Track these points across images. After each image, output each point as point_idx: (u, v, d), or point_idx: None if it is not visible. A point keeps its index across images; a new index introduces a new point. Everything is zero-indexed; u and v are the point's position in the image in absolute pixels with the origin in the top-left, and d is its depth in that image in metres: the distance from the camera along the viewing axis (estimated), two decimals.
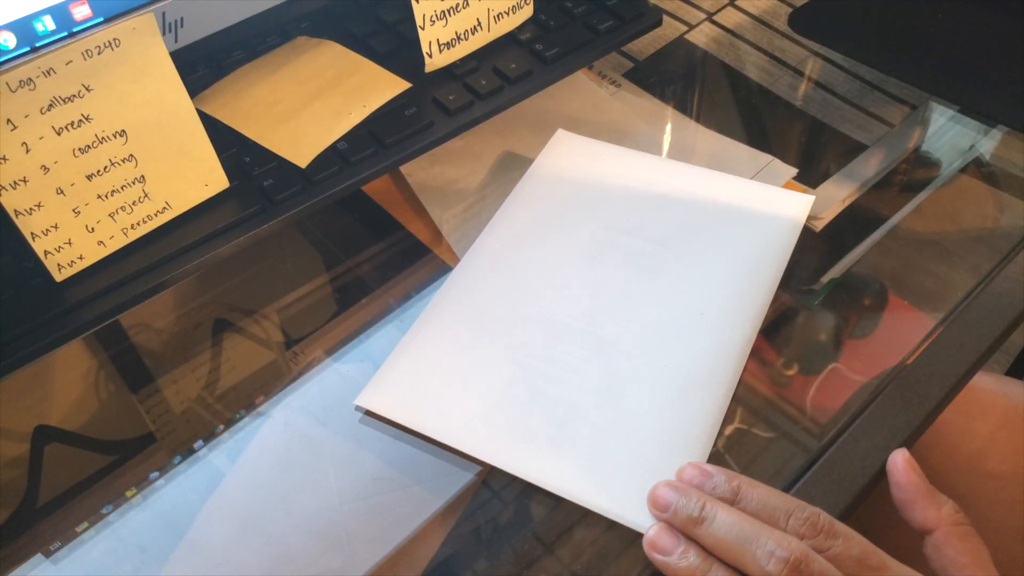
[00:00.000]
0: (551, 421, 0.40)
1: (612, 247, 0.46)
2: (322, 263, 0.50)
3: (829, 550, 0.33)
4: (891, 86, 0.60)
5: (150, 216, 0.44)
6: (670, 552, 0.34)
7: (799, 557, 0.32)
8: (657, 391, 0.41)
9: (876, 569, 0.33)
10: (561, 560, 0.37)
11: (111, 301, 0.42)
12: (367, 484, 0.39)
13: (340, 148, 0.49)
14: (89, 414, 0.43)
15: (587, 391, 0.41)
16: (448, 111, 0.51)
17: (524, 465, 0.38)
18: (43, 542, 0.38)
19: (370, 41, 0.55)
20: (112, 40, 0.40)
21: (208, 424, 0.42)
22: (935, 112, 0.59)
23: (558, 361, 0.42)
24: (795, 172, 0.53)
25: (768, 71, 0.62)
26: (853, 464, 0.39)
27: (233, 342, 0.46)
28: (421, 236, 0.50)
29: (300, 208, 0.46)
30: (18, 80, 0.38)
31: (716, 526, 0.34)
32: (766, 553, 0.32)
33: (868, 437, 0.40)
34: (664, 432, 0.39)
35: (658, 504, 0.36)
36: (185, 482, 0.40)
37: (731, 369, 0.41)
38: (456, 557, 0.37)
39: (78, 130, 0.40)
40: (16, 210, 0.40)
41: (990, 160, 0.56)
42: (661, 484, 0.36)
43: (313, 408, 0.42)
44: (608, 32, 0.56)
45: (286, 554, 0.37)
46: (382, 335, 0.45)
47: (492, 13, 0.53)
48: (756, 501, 0.35)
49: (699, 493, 0.36)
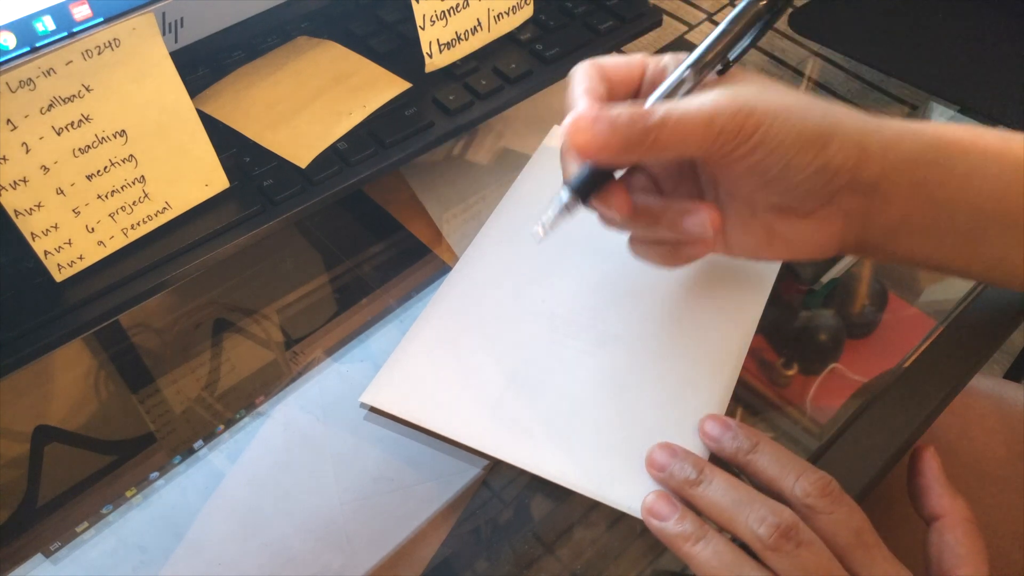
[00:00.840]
0: (553, 415, 0.40)
1: (610, 242, 0.46)
2: (322, 263, 0.50)
3: (831, 514, 0.34)
4: (891, 86, 0.60)
5: (150, 216, 0.44)
6: (666, 518, 0.35)
7: (790, 524, 0.33)
8: (658, 385, 0.41)
9: (869, 546, 0.34)
10: (561, 560, 0.37)
11: (111, 301, 0.42)
12: (367, 484, 0.39)
13: (340, 148, 0.49)
14: (89, 414, 0.43)
15: (588, 385, 0.41)
16: (448, 111, 0.51)
17: (527, 457, 0.39)
18: (43, 542, 0.38)
19: (370, 41, 0.55)
20: (112, 40, 0.40)
21: (208, 424, 0.42)
22: (935, 112, 0.59)
23: (559, 356, 0.42)
24: None
25: (768, 71, 0.62)
26: (853, 464, 0.39)
27: (233, 342, 0.46)
28: (421, 236, 0.50)
29: (300, 208, 0.46)
30: (18, 80, 0.38)
31: (711, 489, 0.35)
32: (758, 518, 0.33)
33: (868, 437, 0.40)
34: (666, 424, 0.39)
35: (655, 464, 0.37)
36: (185, 482, 0.40)
37: (732, 362, 0.41)
38: (456, 557, 0.37)
39: (78, 130, 0.40)
40: (16, 210, 0.40)
41: None
42: (658, 446, 0.38)
43: (313, 408, 0.42)
44: (608, 32, 0.56)
45: (286, 554, 0.37)
46: (382, 335, 0.45)
47: (492, 13, 0.53)
48: (770, 455, 0.36)
49: (696, 457, 0.37)
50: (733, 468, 0.37)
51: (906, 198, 0.37)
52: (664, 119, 0.34)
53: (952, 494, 0.38)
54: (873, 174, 0.36)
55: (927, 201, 0.37)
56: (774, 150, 0.35)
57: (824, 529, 0.34)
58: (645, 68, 0.39)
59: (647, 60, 0.39)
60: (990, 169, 0.36)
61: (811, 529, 0.34)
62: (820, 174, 0.36)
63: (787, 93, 0.36)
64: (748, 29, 0.36)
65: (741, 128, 0.34)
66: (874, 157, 0.36)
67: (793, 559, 0.32)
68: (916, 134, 0.36)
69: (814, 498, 0.34)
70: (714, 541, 0.34)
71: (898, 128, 0.37)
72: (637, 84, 0.39)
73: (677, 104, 0.35)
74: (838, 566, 0.33)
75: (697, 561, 0.34)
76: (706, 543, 0.34)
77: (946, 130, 0.37)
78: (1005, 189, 0.36)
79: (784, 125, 0.35)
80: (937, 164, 0.36)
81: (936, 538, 0.37)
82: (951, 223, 0.37)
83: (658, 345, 0.42)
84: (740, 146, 0.35)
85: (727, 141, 0.35)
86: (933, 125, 0.37)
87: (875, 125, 0.36)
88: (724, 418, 0.39)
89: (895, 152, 0.36)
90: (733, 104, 0.34)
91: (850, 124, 0.36)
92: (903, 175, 0.36)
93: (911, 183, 0.36)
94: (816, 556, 0.33)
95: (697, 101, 0.35)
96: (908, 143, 0.36)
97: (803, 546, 0.33)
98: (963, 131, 0.37)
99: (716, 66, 0.37)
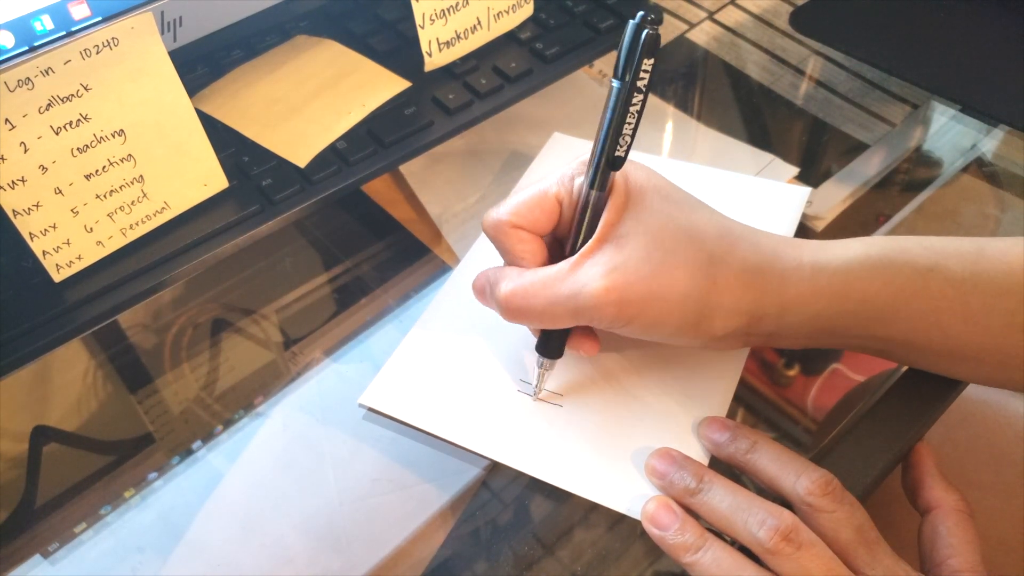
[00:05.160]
0: (553, 416, 0.40)
1: None
2: (322, 263, 0.50)
3: (833, 513, 0.34)
4: (892, 85, 0.60)
5: (149, 216, 0.44)
6: (667, 527, 0.35)
7: (790, 526, 0.33)
8: (659, 386, 0.41)
9: (871, 543, 0.34)
10: (561, 561, 0.37)
11: (110, 301, 0.42)
12: (367, 484, 0.39)
13: (339, 148, 0.49)
14: (88, 414, 0.43)
15: (589, 386, 0.41)
16: (448, 110, 0.51)
17: (526, 459, 0.38)
18: (41, 543, 0.38)
19: (369, 40, 0.55)
20: (111, 39, 0.39)
21: (207, 424, 0.42)
22: (936, 111, 0.58)
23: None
24: (796, 171, 0.52)
25: (769, 70, 0.61)
26: (853, 464, 0.39)
27: (232, 342, 0.46)
28: (421, 236, 0.50)
29: (299, 208, 0.46)
30: (16, 79, 0.38)
31: (711, 496, 0.35)
32: (757, 521, 0.33)
33: (868, 437, 0.40)
34: (666, 426, 0.39)
35: (655, 472, 0.37)
36: (184, 483, 0.40)
37: (733, 363, 0.41)
38: (456, 558, 0.37)
39: (76, 130, 0.40)
40: (15, 210, 0.40)
41: (992, 159, 0.55)
42: (658, 453, 0.37)
43: (312, 408, 0.42)
44: (608, 31, 0.56)
45: (285, 555, 0.37)
46: (382, 335, 0.45)
47: (492, 12, 0.53)
48: (770, 455, 0.36)
49: (696, 464, 0.37)
50: (734, 469, 0.37)
51: (806, 339, 0.38)
52: (546, 305, 0.36)
53: (944, 486, 0.38)
54: (768, 327, 0.37)
55: (830, 337, 0.38)
56: (651, 329, 0.36)
57: (826, 527, 0.34)
58: (560, 199, 0.38)
59: (559, 188, 0.38)
60: (909, 311, 0.37)
61: (813, 527, 0.34)
62: (706, 340, 0.37)
63: (675, 255, 0.36)
64: (625, 122, 0.35)
65: (615, 318, 0.36)
66: (767, 318, 0.37)
67: (794, 561, 0.32)
68: (819, 294, 0.36)
69: (815, 497, 0.34)
70: (713, 548, 0.34)
71: (803, 288, 0.36)
72: (556, 217, 0.38)
73: (556, 291, 0.36)
74: (840, 566, 0.33)
75: (697, 570, 0.34)
76: (705, 551, 0.34)
77: (859, 282, 0.37)
78: (916, 325, 0.37)
79: (660, 312, 0.36)
80: (843, 315, 0.37)
81: (929, 529, 0.37)
82: (860, 344, 0.39)
83: (659, 346, 0.42)
84: (616, 327, 0.36)
85: (599, 325, 0.37)
86: (847, 270, 0.37)
87: (776, 286, 0.36)
88: (723, 419, 0.39)
89: (794, 314, 0.37)
90: (606, 295, 0.35)
91: (738, 297, 0.36)
92: (803, 326, 0.37)
93: (810, 332, 0.38)
94: (817, 557, 0.33)
95: (577, 284, 0.35)
96: (810, 305, 0.37)
97: (804, 548, 0.32)
98: (876, 280, 0.37)
99: (612, 170, 0.36)
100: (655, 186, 0.37)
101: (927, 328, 0.37)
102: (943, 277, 0.36)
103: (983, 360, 0.37)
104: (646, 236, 0.36)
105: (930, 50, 0.61)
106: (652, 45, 0.33)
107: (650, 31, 0.33)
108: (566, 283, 0.36)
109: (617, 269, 0.35)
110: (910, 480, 0.40)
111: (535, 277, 0.36)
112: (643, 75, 0.34)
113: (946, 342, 0.37)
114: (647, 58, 0.33)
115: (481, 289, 0.39)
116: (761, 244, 0.37)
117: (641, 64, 0.34)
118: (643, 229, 0.36)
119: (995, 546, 0.50)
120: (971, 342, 0.37)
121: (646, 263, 0.35)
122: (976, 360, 0.38)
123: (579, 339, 0.39)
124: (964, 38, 0.62)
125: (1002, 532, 0.51)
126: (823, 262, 0.37)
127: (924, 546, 0.37)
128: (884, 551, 0.34)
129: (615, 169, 0.36)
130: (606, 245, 0.36)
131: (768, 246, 0.37)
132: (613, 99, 0.35)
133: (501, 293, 0.37)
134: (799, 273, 0.36)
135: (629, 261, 0.35)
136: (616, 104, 0.35)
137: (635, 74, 0.34)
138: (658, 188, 0.37)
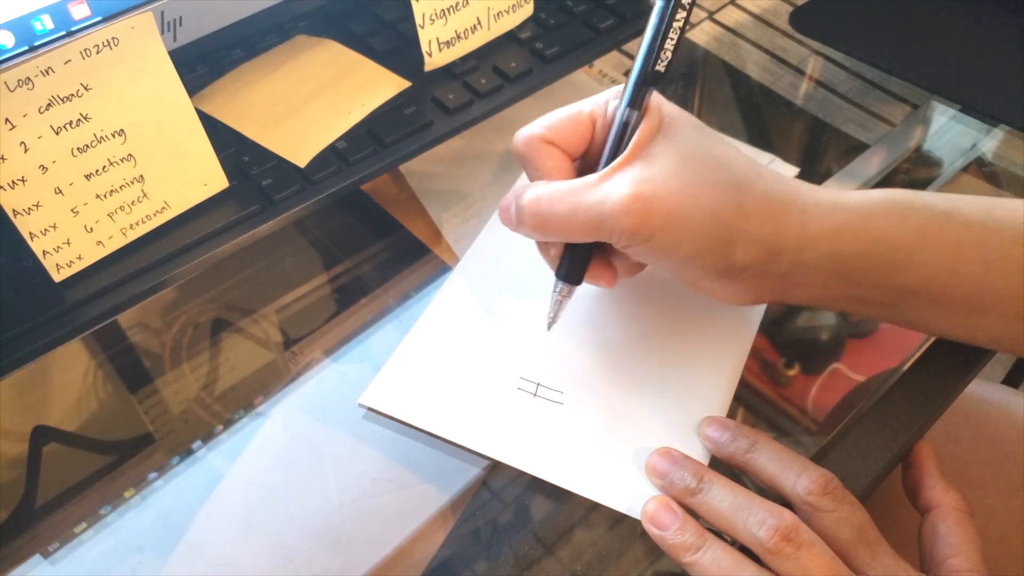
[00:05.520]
0: (554, 416, 0.40)
1: None
2: (322, 263, 0.50)
3: (833, 512, 0.34)
4: (892, 85, 0.60)
5: (149, 216, 0.44)
6: (667, 527, 0.35)
7: (790, 526, 0.33)
8: (660, 386, 0.41)
9: (872, 543, 0.34)
10: (561, 561, 0.37)
11: (110, 301, 0.42)
12: (367, 484, 0.39)
13: (339, 147, 0.49)
14: (88, 414, 0.43)
15: (589, 386, 0.41)
16: (448, 110, 0.51)
17: (527, 459, 0.38)
18: (41, 543, 0.38)
19: (369, 40, 0.55)
20: (111, 39, 0.39)
21: (207, 424, 0.42)
22: (937, 111, 0.58)
23: (560, 357, 0.42)
24: (796, 171, 0.52)
25: (769, 70, 0.61)
26: (853, 464, 0.39)
27: (232, 342, 0.46)
28: (421, 236, 0.50)
29: (299, 208, 0.46)
30: (16, 79, 0.38)
31: (711, 496, 0.35)
32: (757, 521, 0.33)
33: (868, 437, 0.40)
34: (666, 426, 0.39)
35: (656, 472, 0.37)
36: (184, 483, 0.40)
37: (734, 363, 0.41)
38: (456, 557, 0.37)
39: (76, 129, 0.40)
40: (15, 210, 0.40)
41: (992, 159, 0.56)
42: (658, 452, 0.37)
43: (313, 408, 0.42)
44: (608, 31, 0.56)
45: (285, 555, 0.37)
46: (382, 335, 0.45)
47: (492, 12, 0.53)
48: (770, 454, 0.36)
49: (696, 464, 0.37)
50: (734, 469, 0.37)
51: (821, 287, 0.38)
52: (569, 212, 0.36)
53: (944, 486, 0.38)
54: (784, 266, 0.37)
55: (845, 284, 0.37)
56: (671, 249, 0.36)
57: (826, 527, 0.34)
58: (594, 119, 0.38)
59: (593, 108, 0.39)
60: (926, 255, 0.36)
61: (813, 527, 0.34)
62: (722, 270, 0.37)
63: (703, 176, 0.36)
64: (667, 36, 0.36)
65: (636, 229, 0.35)
66: (786, 253, 0.37)
67: (794, 561, 0.32)
68: (839, 232, 0.36)
69: (815, 496, 0.34)
70: (713, 548, 0.34)
71: (824, 223, 0.36)
72: (589, 137, 0.39)
73: (581, 199, 0.36)
74: (840, 566, 0.33)
75: (697, 570, 0.34)
76: (705, 551, 0.34)
77: (877, 220, 0.36)
78: (933, 271, 0.36)
79: (683, 230, 0.36)
80: (860, 256, 0.36)
81: (929, 529, 0.37)
82: (874, 295, 0.38)
83: (660, 346, 0.42)
84: (633, 245, 0.36)
85: (619, 240, 0.36)
86: (867, 210, 0.37)
87: (797, 219, 0.36)
88: (723, 419, 0.39)
89: (812, 251, 0.36)
90: (632, 203, 0.35)
91: (760, 224, 0.36)
92: (820, 268, 0.37)
93: (826, 278, 0.37)
94: (817, 557, 0.33)
95: (602, 193, 0.36)
96: (827, 243, 0.36)
97: (804, 547, 0.32)
98: (893, 220, 0.36)
99: (651, 88, 0.37)
100: (688, 118, 0.38)
101: (944, 274, 0.36)
102: (961, 220, 0.36)
103: (999, 311, 0.37)
104: (676, 156, 0.36)
105: (930, 50, 0.61)
106: None
107: None
108: (592, 192, 0.36)
109: (645, 181, 0.35)
110: (910, 480, 0.40)
111: (561, 186, 0.37)
112: None
113: (962, 288, 0.36)
114: None
115: (507, 206, 0.39)
116: (786, 179, 0.38)
117: None
118: (674, 150, 0.36)
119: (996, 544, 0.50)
120: (988, 288, 0.36)
121: (675, 179, 0.35)
122: (992, 311, 0.37)
123: (598, 269, 0.39)
124: (964, 38, 0.62)
125: (1004, 530, 0.51)
126: (842, 202, 0.37)
127: (924, 546, 0.37)
128: (884, 551, 0.34)
129: (653, 84, 0.37)
130: (636, 161, 0.36)
131: (792, 183, 0.38)
132: (657, 15, 0.36)
133: (525, 199, 0.37)
134: (819, 209, 0.37)
135: (658, 176, 0.36)
136: (660, 20, 0.36)
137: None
138: (691, 120, 0.38)
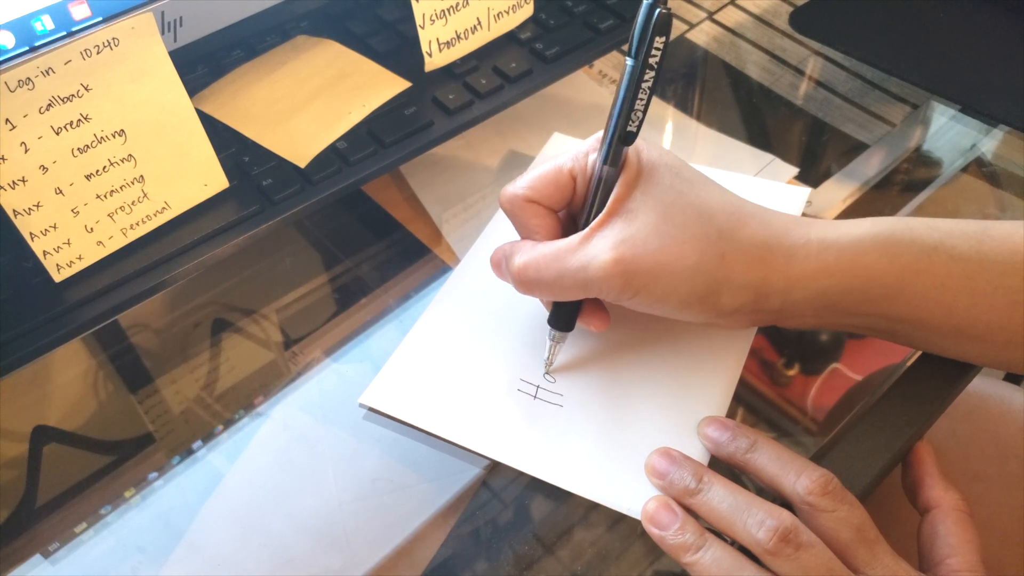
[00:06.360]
0: (553, 416, 0.40)
1: None
2: (322, 263, 0.50)
3: (833, 512, 0.34)
4: (892, 85, 0.60)
5: (149, 216, 0.44)
6: (666, 527, 0.35)
7: (789, 527, 0.33)
8: (659, 387, 0.41)
9: (871, 542, 0.34)
10: (561, 561, 0.37)
11: (110, 301, 0.42)
12: (367, 484, 0.39)
13: (339, 148, 0.49)
14: (88, 414, 0.43)
15: (589, 386, 0.41)
16: (448, 110, 0.51)
17: (526, 459, 0.38)
18: (42, 542, 0.38)
19: (370, 40, 0.55)
20: (111, 39, 0.39)
21: (207, 424, 0.42)
22: (936, 111, 0.58)
23: (560, 357, 0.42)
24: (796, 171, 0.52)
25: (769, 70, 0.61)
26: (853, 464, 0.39)
27: (232, 342, 0.46)
28: (421, 236, 0.50)
29: (299, 208, 0.46)
30: (17, 80, 0.38)
31: (710, 496, 0.35)
32: (757, 522, 0.33)
33: (868, 437, 0.40)
34: (666, 426, 0.39)
35: (655, 472, 0.37)
36: (184, 483, 0.40)
37: (733, 363, 0.41)
38: (456, 557, 0.37)
39: (77, 130, 0.40)
40: (15, 210, 0.40)
41: (991, 159, 0.55)
42: (658, 452, 0.37)
43: (312, 409, 0.42)
44: (608, 31, 0.56)
45: (285, 555, 0.37)
46: (382, 335, 0.45)
47: (492, 12, 0.53)
48: (769, 454, 0.36)
49: (696, 464, 0.37)
50: (734, 469, 0.37)
51: (813, 317, 0.38)
52: (557, 277, 0.37)
53: (944, 486, 0.38)
54: (775, 304, 0.37)
55: (836, 315, 0.38)
56: (659, 302, 0.37)
57: (826, 527, 0.34)
58: (574, 175, 0.38)
59: (574, 164, 0.38)
60: (915, 289, 0.37)
61: (813, 527, 0.34)
62: (712, 315, 0.37)
63: (684, 229, 0.36)
64: (639, 98, 0.36)
65: (622, 289, 0.36)
66: (774, 295, 0.37)
67: (794, 562, 0.32)
68: (828, 271, 0.36)
69: (815, 496, 0.34)
70: (713, 548, 0.34)
71: (811, 264, 0.37)
72: (570, 193, 0.39)
73: (566, 264, 0.36)
74: (840, 566, 0.33)
75: (696, 570, 0.34)
76: (705, 551, 0.34)
77: (867, 258, 0.37)
78: (923, 302, 0.37)
79: (668, 285, 0.36)
80: (850, 292, 0.37)
81: (928, 529, 0.37)
82: (867, 323, 0.38)
83: (659, 346, 0.42)
84: (620, 301, 0.37)
85: (607, 298, 0.37)
86: (856, 246, 0.37)
87: (783, 263, 0.37)
88: (723, 419, 0.39)
89: (801, 290, 0.37)
90: (613, 267, 0.35)
91: (745, 272, 0.36)
92: (811, 303, 0.37)
93: (817, 309, 0.38)
94: (817, 558, 0.33)
95: (585, 257, 0.36)
96: (816, 281, 0.37)
97: (803, 548, 0.32)
98: (883, 257, 0.37)
99: (624, 146, 0.37)
100: (667, 164, 0.38)
101: (933, 306, 0.37)
102: (949, 255, 0.36)
103: (988, 339, 0.37)
104: (656, 211, 0.36)
105: (930, 50, 0.61)
106: (664, 24, 0.34)
107: (662, 10, 0.34)
108: (576, 255, 0.36)
109: (625, 242, 0.36)
110: (910, 479, 0.40)
111: (547, 249, 0.37)
112: (655, 52, 0.35)
113: (952, 320, 0.37)
114: (659, 36, 0.35)
115: (498, 263, 0.40)
116: (770, 222, 0.38)
117: (653, 42, 0.35)
118: (652, 204, 0.36)
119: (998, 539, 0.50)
120: (977, 320, 0.37)
121: (655, 236, 0.36)
122: (981, 339, 0.37)
123: (590, 314, 0.40)
124: (964, 38, 0.62)
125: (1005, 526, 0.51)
126: (830, 240, 0.37)
127: (923, 545, 0.37)
128: (884, 550, 0.34)
129: (627, 144, 0.37)
130: (616, 219, 0.36)
131: (777, 223, 0.38)
132: (627, 77, 0.36)
133: (515, 265, 0.38)
134: (806, 250, 0.37)
135: (638, 234, 0.36)
136: (630, 81, 0.36)
137: (647, 52, 0.35)
138: (669, 165, 0.38)
